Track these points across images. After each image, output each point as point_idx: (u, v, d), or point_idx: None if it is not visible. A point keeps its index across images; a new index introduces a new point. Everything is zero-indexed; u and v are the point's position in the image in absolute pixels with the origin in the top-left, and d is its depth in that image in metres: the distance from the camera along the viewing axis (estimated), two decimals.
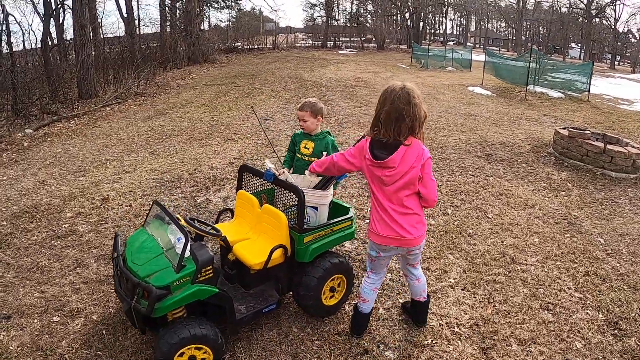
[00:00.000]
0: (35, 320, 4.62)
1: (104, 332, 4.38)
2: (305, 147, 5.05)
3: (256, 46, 48.37)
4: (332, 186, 4.43)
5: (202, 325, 3.51)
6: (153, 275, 3.39)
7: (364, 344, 4.12)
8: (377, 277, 4.08)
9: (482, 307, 4.67)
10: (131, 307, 3.38)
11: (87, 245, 6.13)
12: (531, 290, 4.96)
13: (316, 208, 4.32)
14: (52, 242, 6.31)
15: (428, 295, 4.32)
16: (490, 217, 6.82)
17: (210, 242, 5.61)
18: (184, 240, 3.43)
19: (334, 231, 4.27)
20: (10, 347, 4.24)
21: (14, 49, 18.49)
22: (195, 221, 3.95)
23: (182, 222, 3.87)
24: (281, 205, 4.54)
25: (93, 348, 4.17)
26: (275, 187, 4.64)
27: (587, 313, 4.65)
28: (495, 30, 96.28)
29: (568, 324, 4.46)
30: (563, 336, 4.29)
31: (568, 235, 6.33)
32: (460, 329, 4.35)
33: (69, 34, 23.16)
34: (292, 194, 4.20)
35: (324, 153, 4.73)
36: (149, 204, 7.33)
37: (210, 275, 3.49)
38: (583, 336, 4.31)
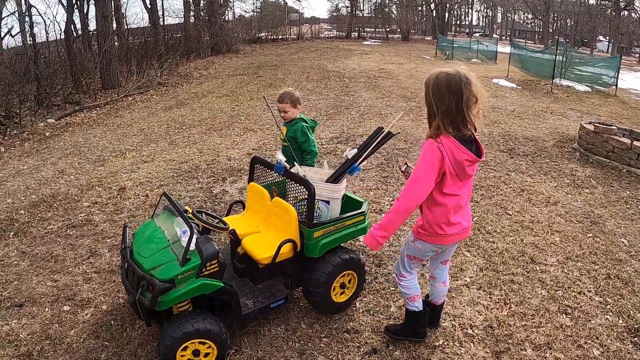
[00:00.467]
0: (46, 309, 4.64)
1: (112, 322, 4.37)
2: (282, 134, 5.35)
3: (280, 36, 48.37)
4: (344, 180, 4.35)
5: (206, 319, 3.47)
6: (158, 268, 3.36)
7: (373, 342, 4.03)
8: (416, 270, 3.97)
9: (497, 309, 4.53)
10: (136, 300, 3.36)
11: (101, 235, 6.14)
12: (549, 292, 4.80)
13: (328, 202, 4.24)
14: (68, 231, 6.33)
15: None
16: (511, 213, 6.67)
17: (221, 235, 5.57)
18: (189, 234, 3.38)
19: (345, 226, 4.17)
20: (21, 335, 4.26)
21: (37, 40, 18.61)
22: (203, 214, 3.90)
23: (190, 215, 3.83)
24: (292, 199, 4.47)
25: (100, 338, 4.17)
26: (287, 180, 4.57)
27: (607, 318, 4.45)
28: (521, 22, 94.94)
29: (586, 329, 4.27)
30: (580, 342, 4.11)
31: (590, 235, 6.12)
32: (473, 331, 4.21)
33: (92, 25, 23.29)
34: (302, 187, 4.12)
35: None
36: None
37: (215, 269, 3.43)
38: (601, 343, 4.12)
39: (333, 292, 4.19)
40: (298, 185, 4.25)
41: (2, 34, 22.55)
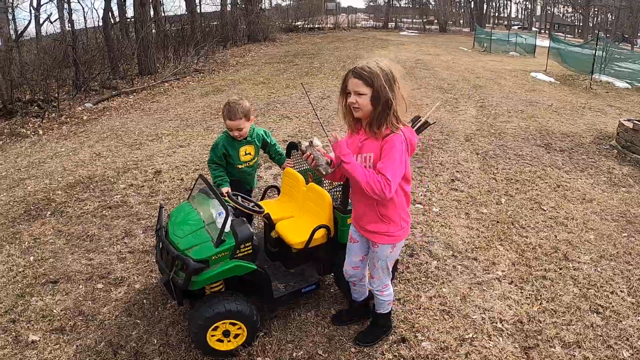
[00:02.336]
0: (80, 286, 4.75)
1: (144, 301, 4.45)
2: (246, 154, 4.54)
3: (317, 25, 48.39)
4: None
5: (238, 301, 3.50)
6: (192, 249, 3.39)
7: (402, 332, 4.01)
8: None
9: (528, 304, 4.46)
10: (170, 279, 3.40)
11: (136, 217, 6.23)
12: (581, 290, 4.70)
13: None
14: (104, 212, 6.44)
15: None
16: (545, 209, 6.57)
17: (255, 218, 5.59)
18: (224, 215, 3.40)
19: None
20: (54, 310, 4.38)
21: (75, 27, 18.90)
22: (239, 197, 3.92)
23: (226, 198, 3.85)
24: (327, 184, 4.47)
25: (132, 316, 4.25)
26: None
27: (639, 320, 4.35)
28: (561, 15, 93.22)
29: (617, 329, 4.17)
30: (610, 342, 4.01)
31: (625, 234, 5.97)
32: (503, 325, 4.16)
33: (129, 12, 23.55)
34: None
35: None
36: None
37: (249, 251, 3.45)
38: (631, 344, 4.01)
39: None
40: None
41: (41, 21, 22.98)
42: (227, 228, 3.39)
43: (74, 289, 4.70)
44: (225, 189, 4.19)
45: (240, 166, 4.56)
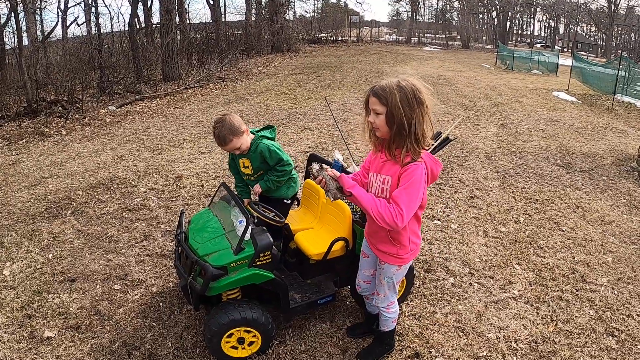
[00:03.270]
0: (98, 286, 4.80)
1: (160, 304, 4.49)
2: (245, 167, 4.36)
3: (340, 38, 48.64)
4: None
5: (253, 309, 3.52)
6: (212, 255, 3.42)
7: (416, 347, 4.01)
8: None
9: (543, 324, 4.43)
10: (187, 284, 3.44)
11: (156, 220, 6.29)
12: (597, 313, 4.65)
13: None
14: (124, 214, 6.52)
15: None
16: (564, 230, 6.52)
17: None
18: (245, 223, 3.43)
19: None
20: (71, 308, 4.44)
21: (102, 31, 19.14)
22: (260, 206, 3.95)
23: (247, 206, 3.89)
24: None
25: (148, 318, 4.29)
26: None
27: None
28: (584, 34, 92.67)
29: (632, 354, 4.12)
30: None
31: None
32: (517, 345, 4.13)
33: (155, 18, 23.82)
34: None
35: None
36: None
37: (268, 260, 3.47)
38: None
39: None
40: None
41: (68, 23, 23.30)
42: (247, 236, 3.41)
43: (91, 289, 4.75)
44: (247, 200, 4.22)
45: (245, 177, 4.48)
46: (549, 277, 5.24)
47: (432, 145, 4.18)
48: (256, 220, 3.74)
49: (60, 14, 23.16)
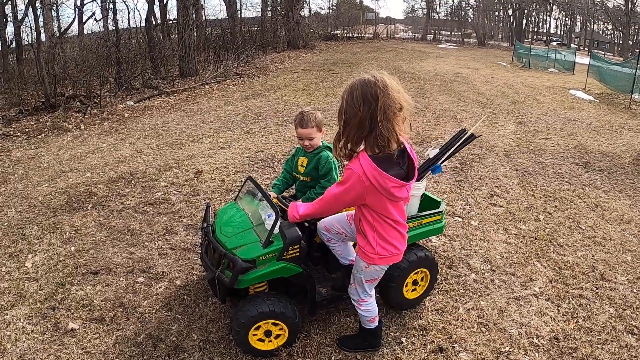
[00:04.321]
0: (121, 279, 4.85)
1: (185, 297, 4.52)
2: (301, 165, 4.42)
3: (355, 35, 48.60)
4: (425, 178, 4.34)
5: (281, 302, 3.55)
6: (240, 248, 3.45)
7: (440, 342, 4.03)
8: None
9: (564, 321, 4.43)
10: (215, 277, 3.46)
11: (177, 214, 6.33)
12: (617, 311, 4.65)
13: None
14: (145, 207, 6.56)
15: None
16: (583, 228, 6.50)
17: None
18: (274, 217, 3.45)
19: (423, 224, 4.18)
20: (95, 300, 4.48)
21: (119, 26, 19.27)
22: (288, 200, 3.98)
23: (275, 200, 3.91)
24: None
25: (173, 311, 4.32)
26: None
27: None
28: (601, 32, 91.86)
29: None
30: None
31: None
32: (539, 341, 4.15)
33: (171, 14, 23.91)
34: None
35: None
36: (241, 180, 7.49)
37: (296, 254, 3.50)
38: None
39: (405, 288, 4.20)
40: None
41: (84, 19, 23.45)
42: (276, 230, 3.44)
43: (115, 281, 4.79)
44: (273, 194, 4.24)
45: (297, 175, 4.52)
46: (569, 275, 5.23)
47: (450, 143, 4.20)
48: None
49: (77, 9, 23.30)
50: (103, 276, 4.88)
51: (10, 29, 22.68)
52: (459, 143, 4.30)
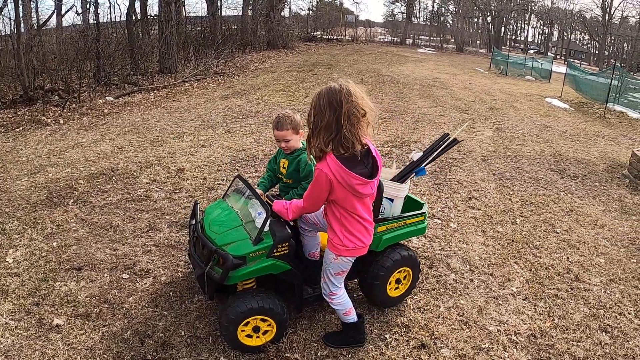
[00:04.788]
0: (105, 275, 4.84)
1: (171, 294, 4.55)
2: (283, 167, 4.50)
3: (335, 37, 48.62)
4: (409, 180, 4.44)
5: (270, 298, 3.61)
6: (230, 245, 3.51)
7: (422, 338, 4.14)
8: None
9: (541, 320, 4.60)
10: (204, 273, 3.51)
11: (160, 211, 6.34)
12: (591, 310, 4.85)
13: (392, 200, 4.34)
14: (127, 204, 6.56)
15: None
16: (559, 232, 6.68)
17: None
18: (264, 215, 3.52)
19: (406, 224, 4.28)
20: (79, 297, 4.47)
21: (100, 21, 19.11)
22: (276, 198, 4.05)
23: (265, 198, 3.97)
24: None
25: (159, 307, 4.35)
26: None
27: None
28: (577, 42, 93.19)
29: (624, 348, 4.32)
30: None
31: (634, 260, 6.08)
32: (517, 338, 4.30)
33: (151, 10, 23.73)
34: None
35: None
36: (223, 179, 7.57)
37: (285, 251, 3.57)
38: None
39: (389, 286, 4.30)
40: None
41: (63, 12, 23.23)
42: (266, 228, 3.50)
43: (99, 277, 4.79)
44: (260, 192, 4.30)
45: (280, 176, 4.59)
46: (545, 276, 5.42)
47: (435, 147, 4.36)
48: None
49: (55, 1, 23.06)
50: (87, 272, 4.87)
51: None
52: (442, 147, 4.42)
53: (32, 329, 4.01)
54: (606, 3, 69.15)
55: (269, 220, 3.50)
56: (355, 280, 4.54)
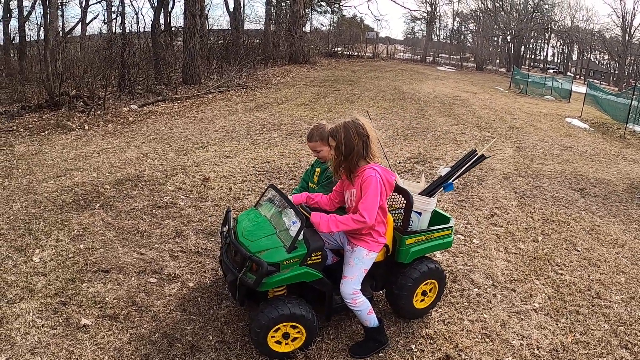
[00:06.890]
0: (133, 278, 4.92)
1: (199, 299, 4.61)
2: (316, 175, 4.73)
3: (356, 53, 48.80)
4: (437, 195, 4.49)
5: (301, 305, 3.67)
6: (264, 252, 3.56)
7: (447, 350, 4.17)
8: None
9: (562, 335, 4.61)
10: (237, 279, 3.56)
11: (187, 219, 6.43)
12: (612, 327, 4.85)
13: (420, 213, 4.39)
14: (154, 210, 6.66)
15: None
16: (580, 250, 6.68)
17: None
18: (299, 224, 3.57)
19: (434, 237, 4.34)
20: (107, 298, 4.54)
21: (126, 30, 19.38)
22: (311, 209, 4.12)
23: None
24: (387, 207, 4.63)
25: (187, 312, 4.40)
26: None
27: None
28: (597, 62, 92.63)
29: None
30: None
31: None
32: (539, 352, 4.32)
33: (174, 22, 24.01)
34: (401, 196, 4.28)
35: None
36: (249, 189, 7.67)
37: (318, 260, 3.63)
38: None
39: (415, 297, 4.34)
40: (395, 194, 4.41)
41: (88, 20, 23.58)
42: (300, 236, 3.56)
43: (126, 280, 4.86)
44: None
45: (311, 185, 4.79)
46: (566, 293, 5.43)
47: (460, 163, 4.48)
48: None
49: (82, 10, 23.45)
50: (114, 275, 4.95)
51: (13, 24, 22.82)
52: (469, 163, 4.48)
53: (59, 328, 4.07)
54: (626, 23, 68.96)
55: (303, 230, 3.56)
56: (382, 291, 4.59)
